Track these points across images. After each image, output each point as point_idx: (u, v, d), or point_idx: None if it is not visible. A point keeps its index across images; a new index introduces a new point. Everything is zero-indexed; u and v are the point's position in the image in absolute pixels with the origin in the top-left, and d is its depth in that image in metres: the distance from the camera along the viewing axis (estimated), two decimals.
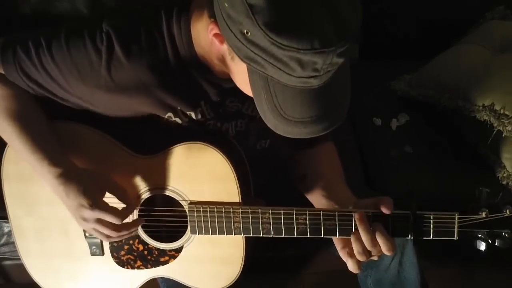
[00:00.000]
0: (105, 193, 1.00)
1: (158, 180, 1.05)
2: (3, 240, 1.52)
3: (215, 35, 0.81)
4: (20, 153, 1.00)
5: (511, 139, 1.51)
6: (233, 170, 0.99)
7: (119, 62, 0.91)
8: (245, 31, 0.72)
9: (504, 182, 1.53)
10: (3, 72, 0.98)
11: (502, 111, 1.50)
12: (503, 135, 1.50)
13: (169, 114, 0.99)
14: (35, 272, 1.18)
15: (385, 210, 0.94)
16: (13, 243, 1.49)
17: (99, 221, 0.98)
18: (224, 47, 0.81)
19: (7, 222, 1.46)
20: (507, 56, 1.64)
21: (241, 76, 0.83)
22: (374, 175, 1.61)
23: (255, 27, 0.70)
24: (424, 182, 1.53)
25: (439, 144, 1.65)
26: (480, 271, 1.80)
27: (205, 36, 0.87)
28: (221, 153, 0.98)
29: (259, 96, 0.80)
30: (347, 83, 0.82)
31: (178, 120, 1.00)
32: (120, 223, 0.99)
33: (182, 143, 1.00)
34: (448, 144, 1.65)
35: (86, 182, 0.98)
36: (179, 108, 0.99)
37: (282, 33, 0.69)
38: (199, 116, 1.00)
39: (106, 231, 0.99)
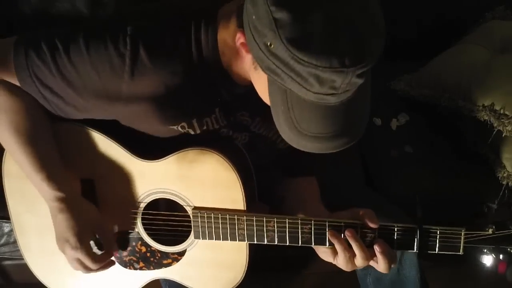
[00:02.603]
0: (94, 235, 1.03)
1: (162, 184, 1.04)
2: (3, 240, 1.51)
3: (242, 44, 0.82)
4: (21, 167, 1.01)
5: (511, 139, 1.51)
6: (239, 178, 0.99)
7: (143, 66, 0.90)
8: (268, 43, 0.73)
9: (504, 182, 1.54)
10: (16, 78, 0.95)
11: (502, 111, 1.50)
12: (503, 135, 1.50)
13: (183, 123, 0.99)
14: (36, 268, 1.18)
15: (373, 225, 0.95)
16: (13, 243, 1.49)
17: (77, 259, 1.01)
18: (249, 57, 0.83)
19: (7, 222, 1.47)
20: (507, 56, 1.64)
21: (262, 86, 0.84)
22: (374, 175, 1.61)
23: (278, 40, 0.71)
24: (424, 182, 1.53)
25: (439, 144, 1.65)
26: (480, 272, 1.80)
27: (230, 44, 0.89)
28: (226, 160, 0.98)
29: (276, 108, 0.81)
30: (366, 103, 0.83)
31: (190, 131, 1.00)
32: (95, 269, 1.03)
33: (187, 149, 1.00)
34: (448, 144, 1.65)
35: (80, 220, 1.00)
36: (194, 119, 0.98)
37: (303, 49, 0.71)
38: (214, 123, 1.00)
39: (79, 268, 1.03)
